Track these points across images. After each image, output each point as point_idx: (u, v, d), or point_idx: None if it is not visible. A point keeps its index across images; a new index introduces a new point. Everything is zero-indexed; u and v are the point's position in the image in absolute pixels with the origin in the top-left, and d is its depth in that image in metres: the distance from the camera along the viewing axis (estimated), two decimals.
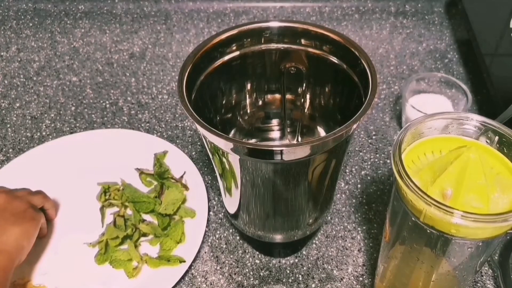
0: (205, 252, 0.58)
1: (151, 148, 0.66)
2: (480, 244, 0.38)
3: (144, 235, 0.58)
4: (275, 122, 0.58)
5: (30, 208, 0.55)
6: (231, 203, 0.52)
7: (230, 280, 0.55)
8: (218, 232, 0.60)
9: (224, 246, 0.58)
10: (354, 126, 0.41)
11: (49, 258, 0.57)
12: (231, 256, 0.57)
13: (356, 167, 0.66)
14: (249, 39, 0.50)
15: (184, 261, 0.54)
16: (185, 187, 0.62)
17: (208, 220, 0.60)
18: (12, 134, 0.72)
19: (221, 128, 0.54)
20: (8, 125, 0.73)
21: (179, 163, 0.65)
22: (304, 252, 0.57)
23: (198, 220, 0.59)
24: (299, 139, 0.58)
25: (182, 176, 0.63)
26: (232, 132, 0.56)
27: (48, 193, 0.63)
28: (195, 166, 0.64)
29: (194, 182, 0.63)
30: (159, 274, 0.54)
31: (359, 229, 0.59)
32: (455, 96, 0.67)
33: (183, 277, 0.55)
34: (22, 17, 0.93)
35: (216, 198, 0.63)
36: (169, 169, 0.64)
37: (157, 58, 0.84)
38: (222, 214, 0.61)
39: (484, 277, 0.54)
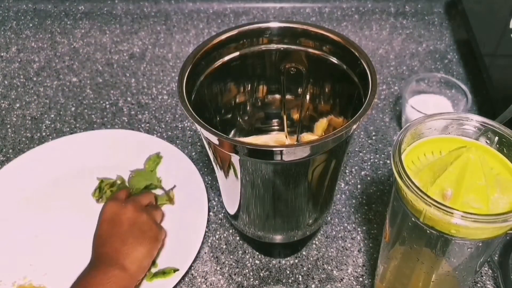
0: (205, 253, 0.58)
1: (151, 148, 0.66)
2: (480, 244, 0.38)
3: None
4: (275, 122, 0.58)
5: (154, 224, 0.54)
6: (231, 203, 0.52)
7: (230, 281, 0.55)
8: (218, 232, 0.60)
9: (224, 246, 0.58)
10: (354, 126, 0.41)
11: (49, 258, 0.57)
12: (231, 257, 0.57)
13: (356, 167, 0.66)
14: (249, 40, 0.50)
15: (178, 270, 0.54)
16: (170, 201, 0.62)
17: (208, 221, 0.60)
18: (12, 135, 0.72)
19: (221, 128, 0.54)
20: (8, 126, 0.73)
21: (179, 163, 0.65)
22: (304, 253, 0.57)
23: (198, 220, 0.59)
24: (299, 139, 0.58)
25: (171, 189, 0.63)
26: (232, 132, 0.56)
27: (48, 194, 0.64)
28: (195, 166, 0.64)
29: (194, 182, 0.63)
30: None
31: (359, 229, 0.59)
32: (455, 96, 0.68)
33: (183, 278, 0.55)
34: (22, 17, 0.93)
35: (216, 199, 0.63)
36: (159, 180, 0.64)
37: (157, 59, 0.84)
38: (222, 214, 0.61)
39: (484, 277, 0.54)
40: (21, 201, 0.63)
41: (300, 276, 0.55)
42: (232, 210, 0.53)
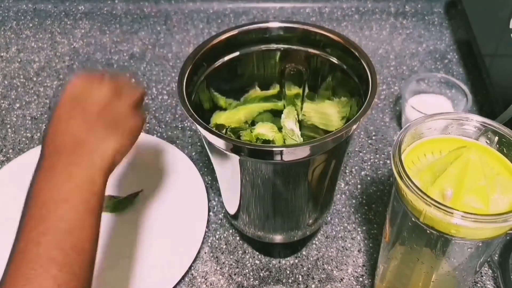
0: (205, 253, 0.58)
1: (150, 149, 0.66)
2: (480, 244, 0.38)
3: None
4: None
5: (133, 112, 0.43)
6: (231, 203, 0.52)
7: (230, 281, 0.55)
8: (218, 232, 0.60)
9: (224, 246, 0.58)
10: (354, 126, 0.41)
11: None
12: (231, 257, 0.57)
13: (356, 167, 0.66)
14: (249, 40, 0.50)
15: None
16: (116, 208, 0.60)
17: (208, 221, 0.60)
18: (12, 135, 0.72)
19: None
20: (8, 126, 0.73)
21: (179, 163, 0.64)
22: (304, 253, 0.57)
23: (198, 220, 0.59)
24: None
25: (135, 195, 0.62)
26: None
27: None
28: (195, 166, 0.64)
29: (194, 182, 0.62)
30: (159, 275, 0.54)
31: (359, 229, 0.59)
32: (455, 96, 0.67)
33: (183, 278, 0.55)
34: (22, 17, 0.93)
35: (216, 199, 0.63)
36: None
37: (157, 59, 0.84)
38: (222, 214, 0.61)
39: (484, 277, 0.54)
40: (20, 200, 0.62)
41: (300, 276, 0.55)
42: (232, 210, 0.53)
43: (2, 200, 0.62)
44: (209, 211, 0.61)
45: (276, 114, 0.56)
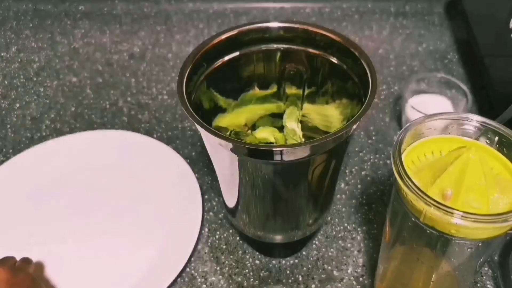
0: (205, 253, 0.58)
1: (147, 150, 0.66)
2: (480, 244, 0.38)
3: None
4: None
5: (34, 280, 0.51)
6: (231, 203, 0.52)
7: (230, 281, 0.55)
8: (218, 232, 0.60)
9: (224, 246, 0.58)
10: (354, 126, 0.41)
11: (44, 257, 0.57)
12: (231, 257, 0.57)
13: (356, 167, 0.66)
14: (249, 40, 0.50)
15: None
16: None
17: (208, 221, 0.60)
18: (12, 135, 0.72)
19: None
20: (8, 126, 0.73)
21: (175, 166, 0.64)
22: (304, 253, 0.57)
23: (192, 224, 0.58)
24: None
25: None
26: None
27: (46, 194, 0.64)
28: (195, 166, 0.64)
29: (187, 182, 0.62)
30: (155, 274, 0.54)
31: (359, 229, 0.59)
32: (455, 96, 0.67)
33: (183, 278, 0.55)
34: (22, 17, 0.93)
35: (216, 199, 0.63)
36: None
37: (157, 59, 0.84)
38: (222, 214, 0.61)
39: (484, 277, 0.54)
40: (18, 199, 0.63)
41: (300, 276, 0.55)
42: (232, 210, 0.53)
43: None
44: (209, 211, 0.61)
45: (275, 116, 0.56)
